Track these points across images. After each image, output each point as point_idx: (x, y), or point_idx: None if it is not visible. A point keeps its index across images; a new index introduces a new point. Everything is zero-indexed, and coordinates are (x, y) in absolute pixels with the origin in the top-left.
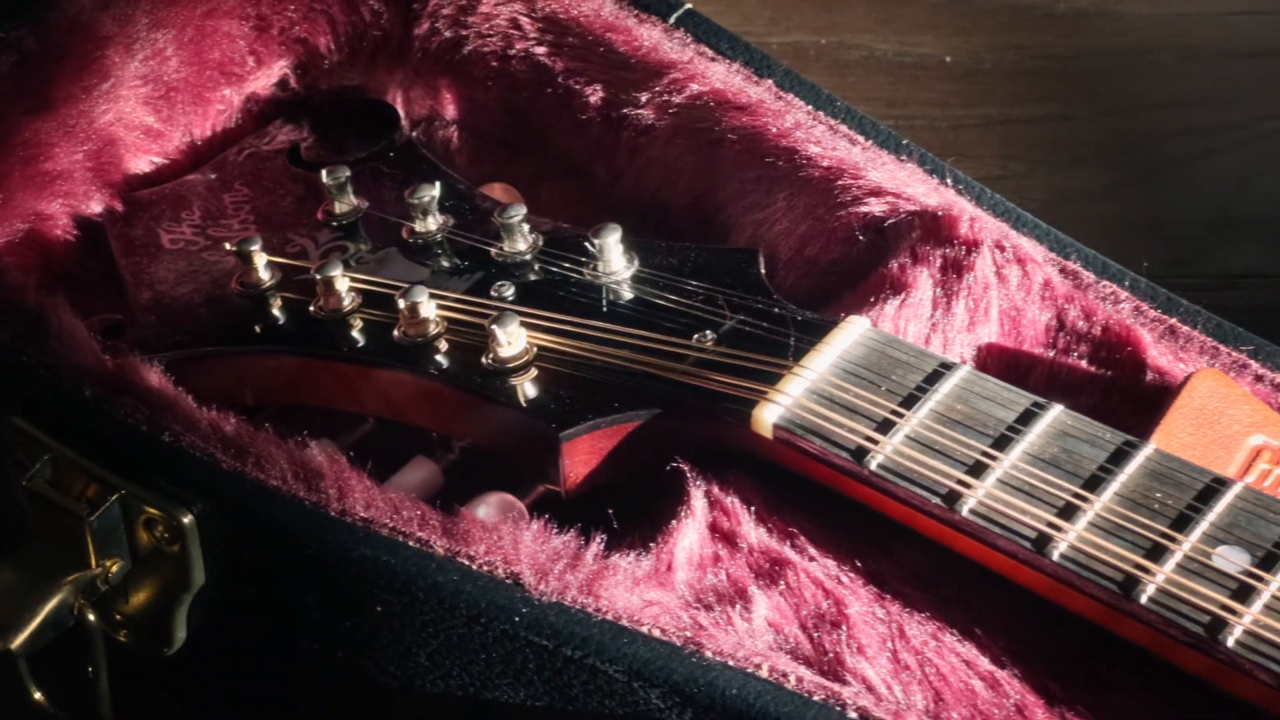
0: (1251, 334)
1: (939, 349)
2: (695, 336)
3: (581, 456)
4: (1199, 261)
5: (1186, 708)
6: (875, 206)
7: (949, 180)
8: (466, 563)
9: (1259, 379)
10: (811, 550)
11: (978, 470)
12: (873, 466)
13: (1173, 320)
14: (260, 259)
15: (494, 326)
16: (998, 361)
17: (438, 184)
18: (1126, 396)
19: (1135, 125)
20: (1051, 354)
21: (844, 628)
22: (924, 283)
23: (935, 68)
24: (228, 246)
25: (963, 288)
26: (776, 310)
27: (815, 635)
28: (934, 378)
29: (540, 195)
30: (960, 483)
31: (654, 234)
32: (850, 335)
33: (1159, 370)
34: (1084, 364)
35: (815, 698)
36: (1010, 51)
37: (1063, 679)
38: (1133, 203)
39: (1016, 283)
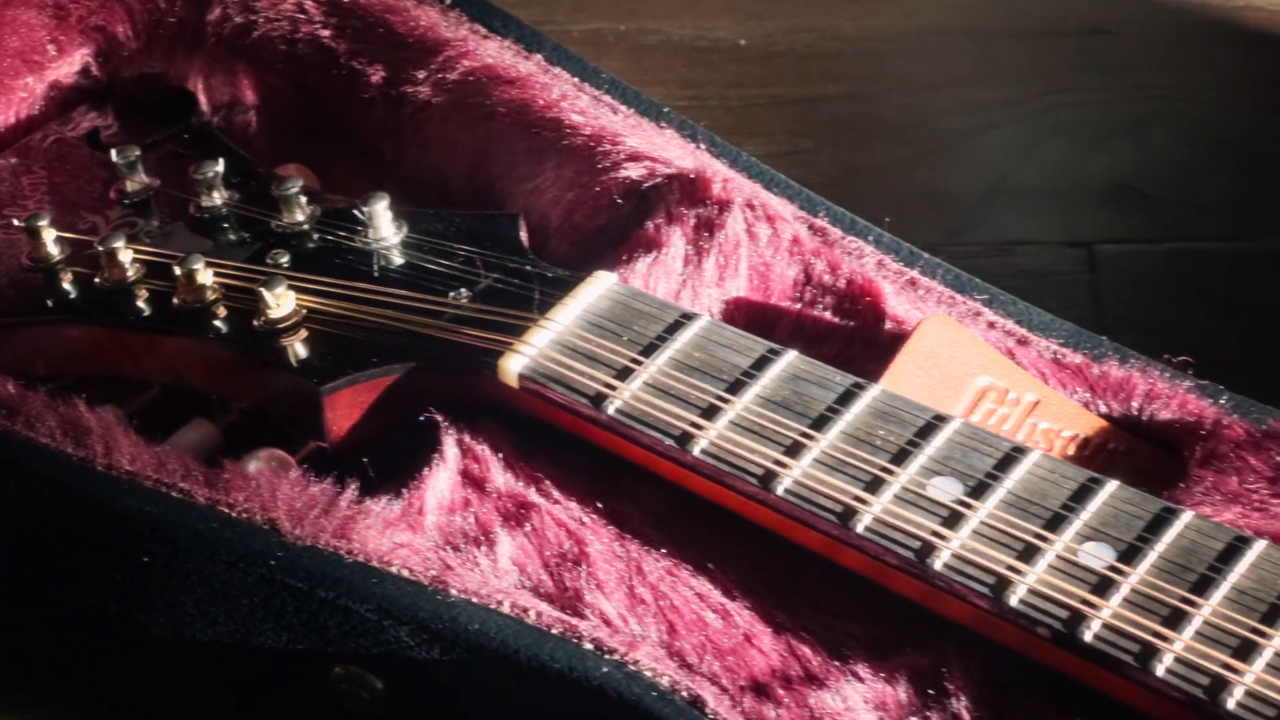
0: (986, 284)
1: (689, 304)
2: (451, 295)
3: (344, 410)
4: (976, 230)
5: (904, 631)
6: (634, 171)
7: (704, 145)
8: (226, 511)
9: (992, 325)
10: (556, 494)
11: (711, 413)
12: (610, 412)
13: (913, 273)
14: (49, 234)
15: (262, 290)
16: (746, 314)
17: (221, 161)
18: (867, 344)
19: (920, 103)
20: (798, 306)
21: (584, 566)
22: (677, 241)
23: (730, 50)
24: (15, 223)
25: (714, 245)
26: (530, 269)
27: (557, 573)
28: (674, 328)
29: (334, 175)
30: (693, 425)
31: (438, 207)
32: (596, 289)
33: (897, 319)
34: (828, 315)
35: (553, 631)
36: (803, 34)
37: (789, 608)
38: (916, 176)
39: (766, 239)
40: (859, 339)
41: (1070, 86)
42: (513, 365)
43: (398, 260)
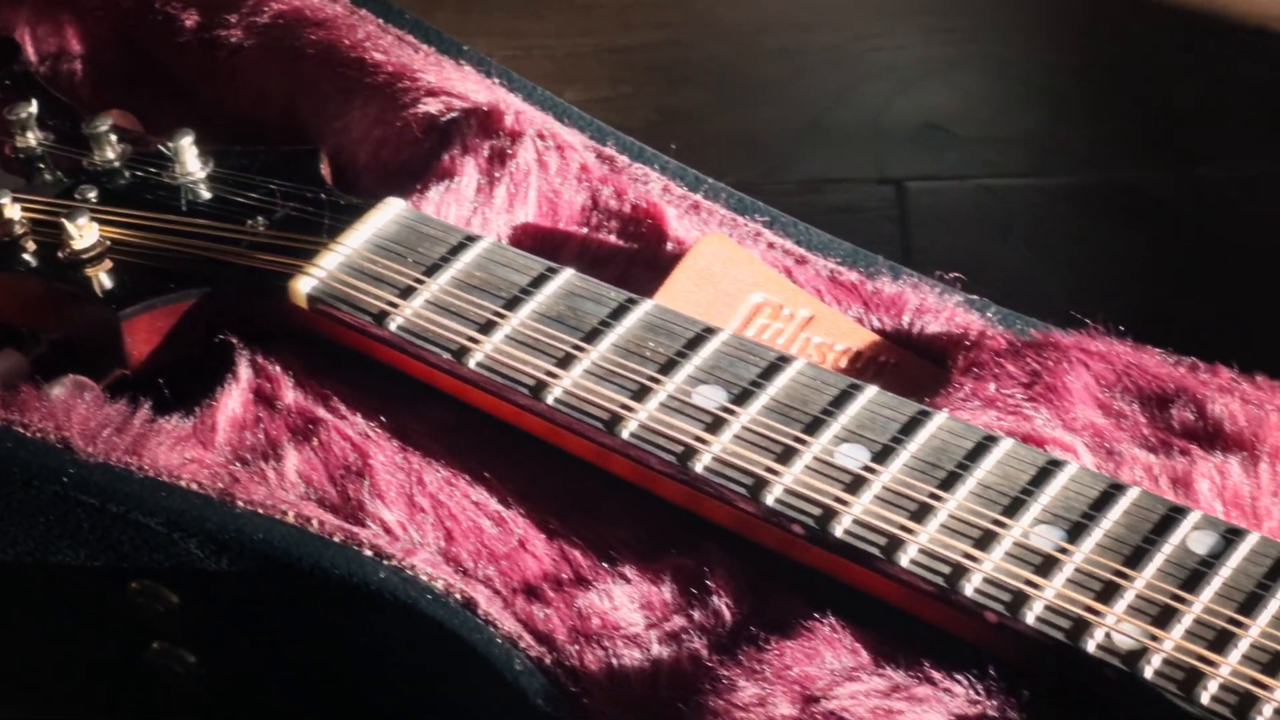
0: (769, 207)
1: (479, 229)
2: (249, 223)
3: (143, 335)
4: (789, 170)
5: (670, 534)
6: (433, 106)
7: (499, 80)
8: (21, 430)
9: (771, 246)
10: (344, 410)
11: (487, 328)
12: (392, 328)
13: (697, 197)
14: None
15: (64, 221)
16: (534, 239)
17: (35, 102)
18: (649, 265)
19: (737, 49)
20: (584, 231)
21: (367, 478)
22: (470, 171)
23: (555, 2)
24: None
25: (505, 174)
26: (324, 198)
27: (341, 485)
28: (458, 249)
29: (161, 121)
30: (470, 340)
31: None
32: (385, 215)
33: (679, 241)
34: (613, 239)
35: (335, 539)
36: None
37: (562, 515)
38: (731, 119)
39: (556, 168)
40: (641, 260)
41: (882, 32)
42: (301, 286)
43: (203, 194)
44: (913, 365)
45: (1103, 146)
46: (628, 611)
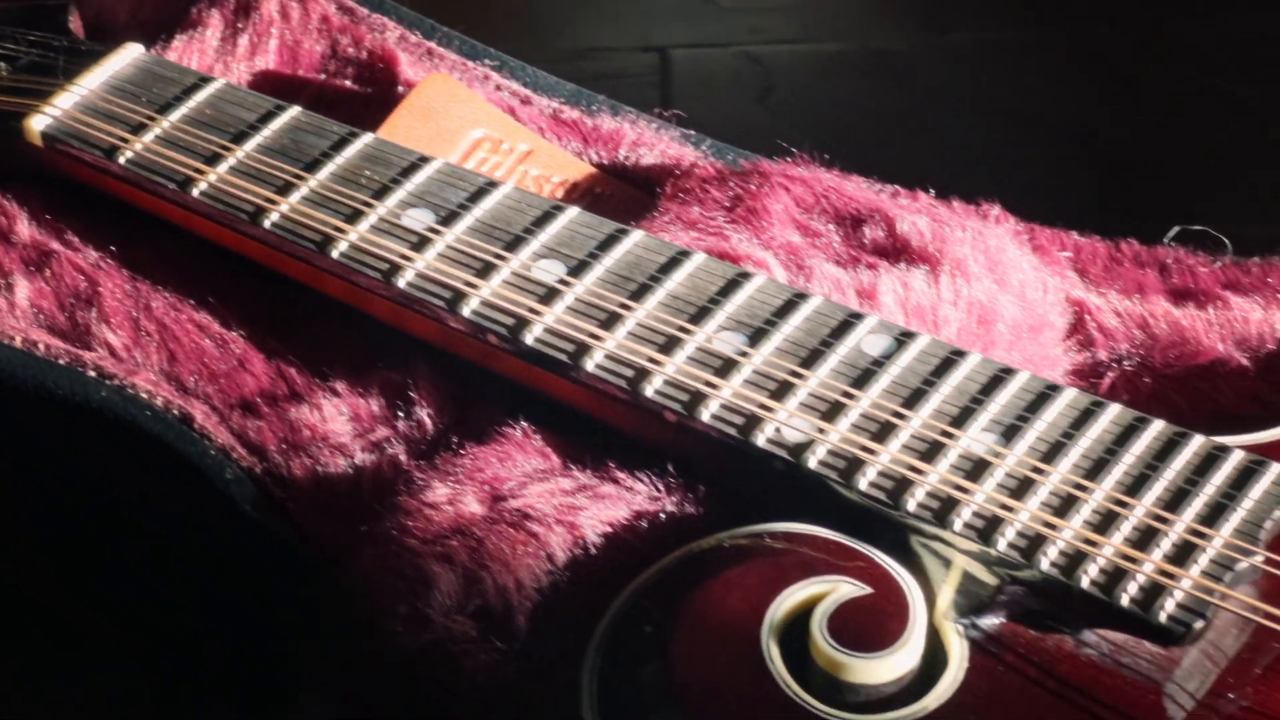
0: (500, 53)
1: (219, 75)
2: None
3: None
4: (557, 39)
5: (379, 351)
6: None
7: None
8: None
9: (499, 88)
10: (77, 243)
11: (213, 160)
12: (121, 162)
13: (431, 44)
14: None
15: None
16: (272, 85)
17: None
18: (380, 107)
19: None
20: (322, 77)
21: (95, 305)
22: (215, 22)
23: None
24: None
25: (249, 25)
26: (67, 45)
27: (70, 312)
28: (191, 89)
29: None
30: (195, 171)
31: None
32: (123, 59)
33: (409, 84)
34: (348, 84)
35: (60, 361)
36: None
37: (280, 335)
38: None
39: (298, 19)
40: (374, 103)
41: None
42: (35, 124)
43: None
44: (626, 195)
45: (860, 14)
46: (336, 423)
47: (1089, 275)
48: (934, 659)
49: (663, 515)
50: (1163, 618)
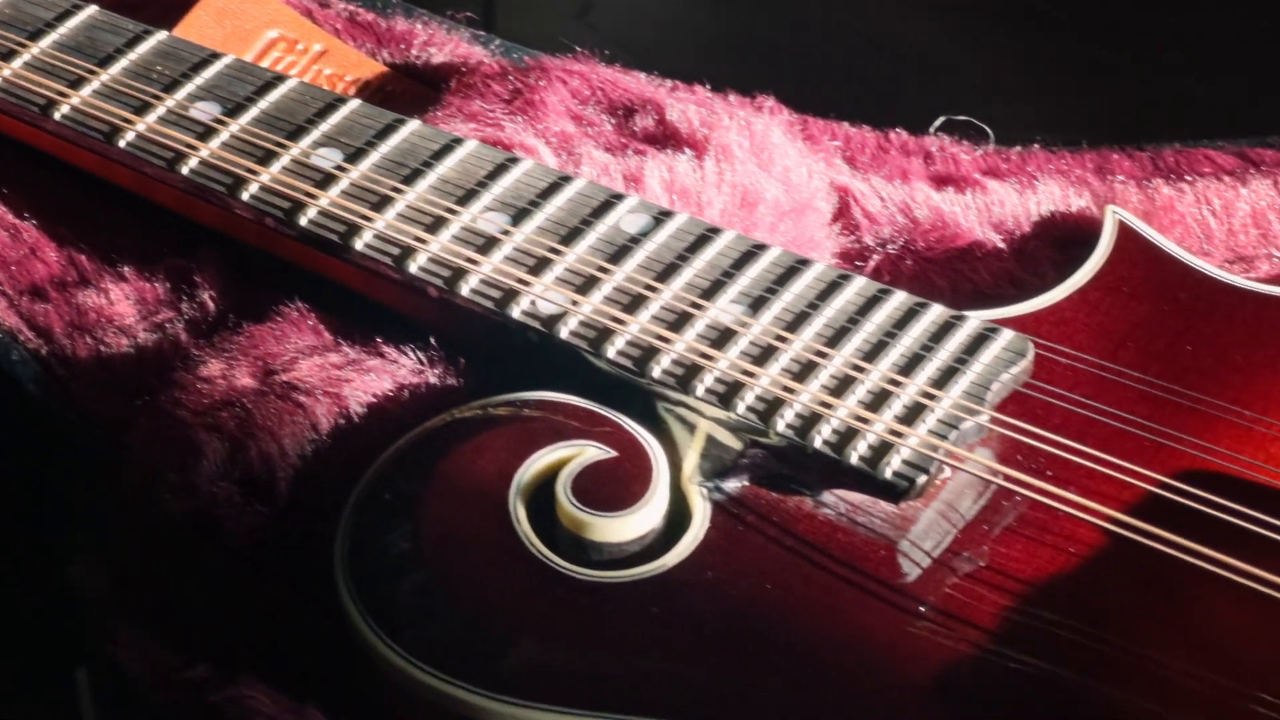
0: None
1: None
2: None
3: None
4: None
5: (167, 238)
6: None
7: None
8: None
9: None
10: None
11: (8, 56)
12: None
13: None
14: None
15: None
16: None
17: None
18: (181, 10)
19: None
20: None
21: None
22: None
23: None
24: None
25: None
26: None
27: None
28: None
29: None
30: None
31: None
32: None
33: None
34: None
35: None
36: None
37: (72, 224)
38: None
39: None
40: (175, 7)
41: None
42: None
43: None
44: (415, 92)
45: None
46: (122, 306)
47: (856, 163)
48: (678, 520)
49: (424, 387)
50: (888, 474)
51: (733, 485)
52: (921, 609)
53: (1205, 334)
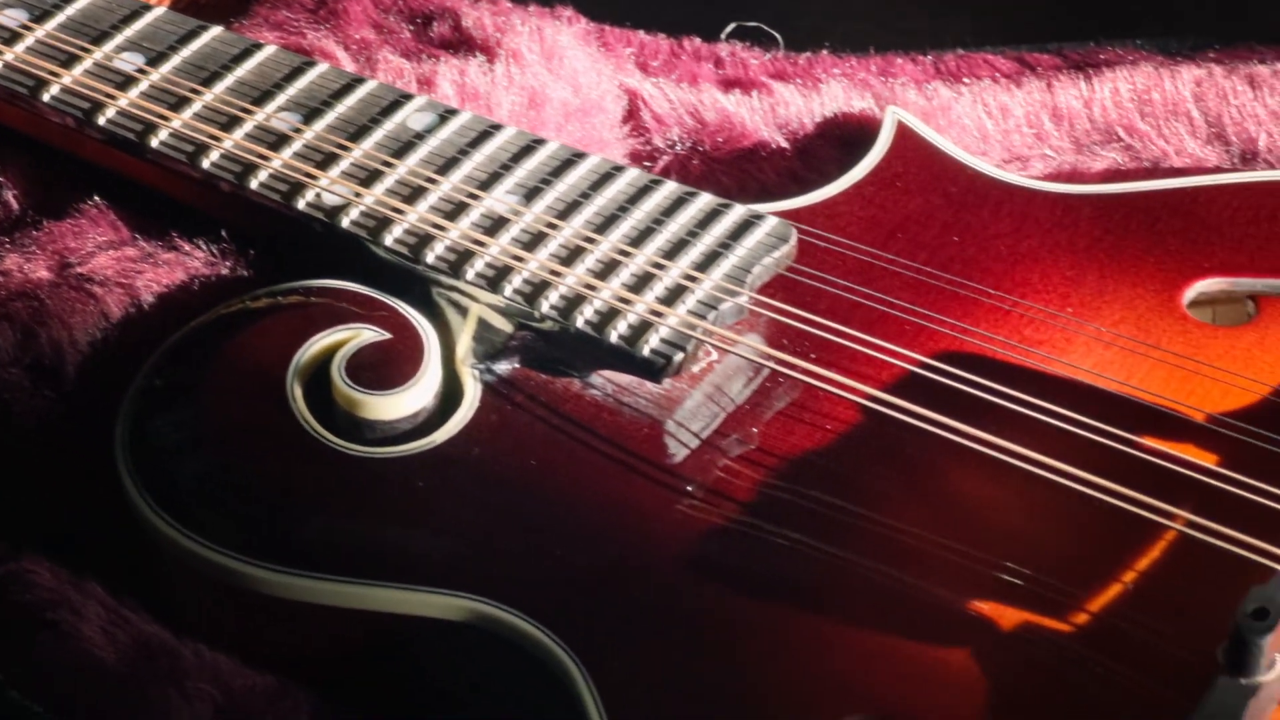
0: None
1: None
2: None
3: None
4: None
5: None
6: None
7: None
8: None
9: None
10: None
11: None
12: None
13: None
14: None
15: None
16: None
17: None
18: None
19: None
20: None
21: None
22: None
23: None
24: None
25: None
26: None
27: None
28: None
29: None
30: None
31: None
32: None
33: None
34: None
35: None
36: None
37: None
38: None
39: None
40: None
41: None
42: None
43: None
44: (225, 3)
45: None
46: None
47: (649, 69)
48: (451, 400)
49: (215, 279)
50: (646, 351)
51: (504, 367)
52: (688, 487)
53: (973, 226)
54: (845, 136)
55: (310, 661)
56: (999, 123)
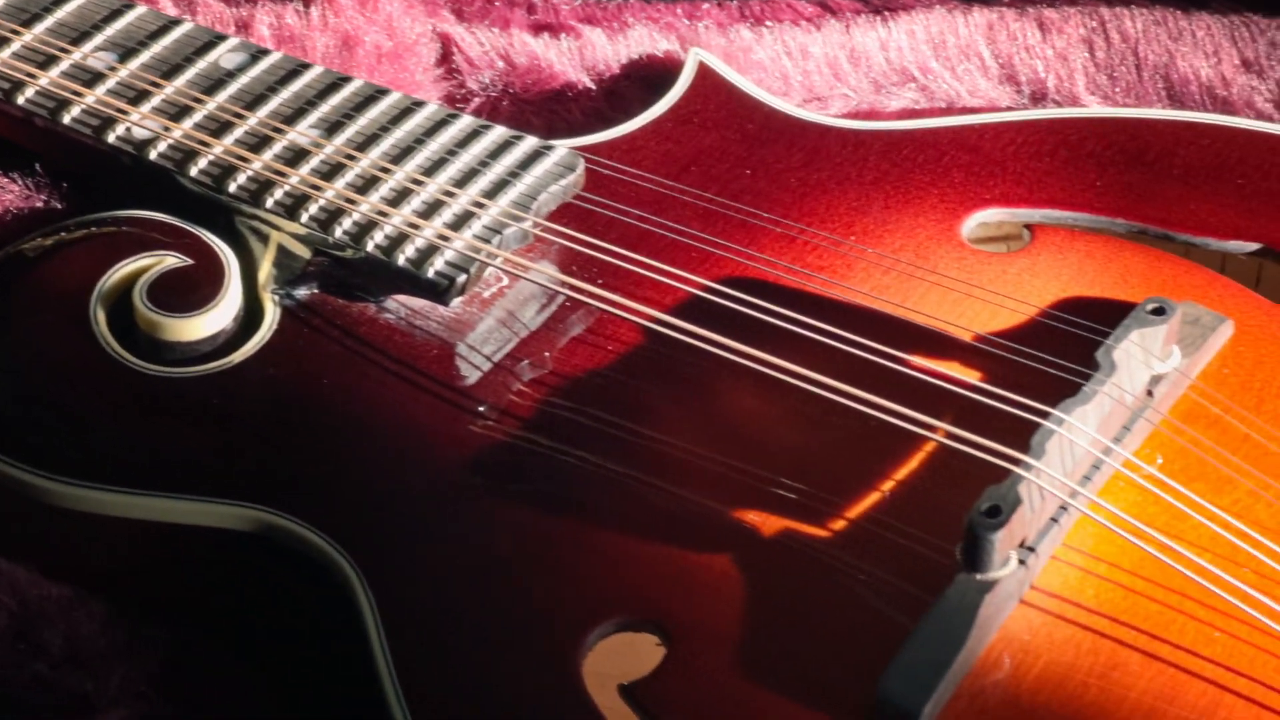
0: None
1: None
2: None
3: None
4: None
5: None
6: None
7: None
8: None
9: None
10: None
11: None
12: None
13: None
14: None
15: None
16: None
17: None
18: None
19: None
20: None
21: None
22: None
23: None
24: None
25: None
26: None
27: None
28: None
29: None
30: None
31: None
32: None
33: None
34: None
35: None
36: None
37: None
38: None
39: None
40: None
41: None
42: None
43: None
44: None
45: None
46: None
47: (463, 14)
48: (252, 324)
49: (29, 211)
50: (431, 273)
51: (303, 292)
52: (479, 407)
53: (766, 160)
54: (650, 78)
55: (106, 573)
56: (799, 63)
